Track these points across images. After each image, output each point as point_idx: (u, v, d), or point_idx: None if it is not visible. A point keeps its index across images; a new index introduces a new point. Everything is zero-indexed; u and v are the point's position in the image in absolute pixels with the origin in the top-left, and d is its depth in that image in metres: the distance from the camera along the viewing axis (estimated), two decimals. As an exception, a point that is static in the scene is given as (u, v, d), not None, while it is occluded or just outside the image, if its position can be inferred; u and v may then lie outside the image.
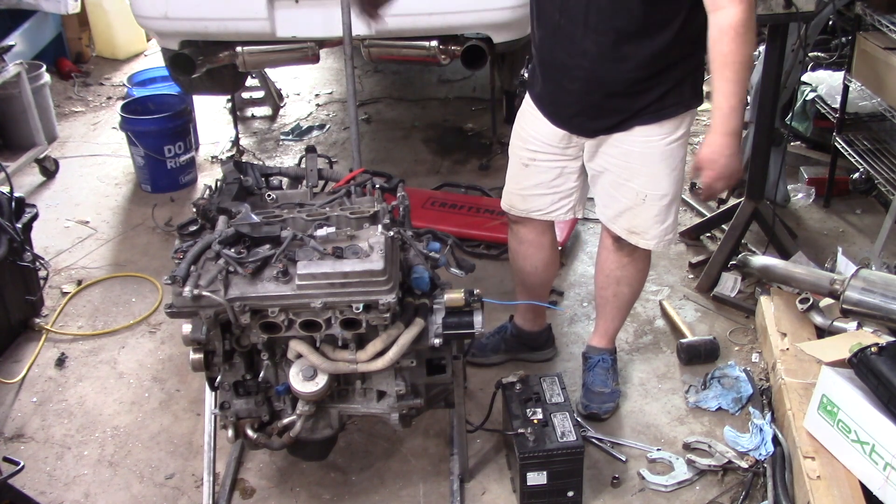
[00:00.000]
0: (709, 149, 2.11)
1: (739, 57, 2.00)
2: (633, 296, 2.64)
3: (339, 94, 5.36)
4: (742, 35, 1.98)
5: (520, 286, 2.77)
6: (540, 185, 2.46)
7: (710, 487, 2.42)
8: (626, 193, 2.35)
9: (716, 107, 2.07)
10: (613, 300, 2.63)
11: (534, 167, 2.45)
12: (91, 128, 5.04)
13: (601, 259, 2.59)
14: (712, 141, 2.10)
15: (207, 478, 2.44)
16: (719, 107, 2.06)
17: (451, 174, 4.26)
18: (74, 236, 3.81)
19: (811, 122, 4.09)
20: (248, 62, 3.54)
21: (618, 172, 2.34)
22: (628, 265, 2.53)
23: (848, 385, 2.18)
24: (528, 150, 2.44)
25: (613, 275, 2.57)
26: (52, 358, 3.01)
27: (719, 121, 2.07)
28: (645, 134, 2.26)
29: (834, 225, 3.75)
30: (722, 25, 1.99)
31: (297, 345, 2.02)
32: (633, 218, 2.38)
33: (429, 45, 3.34)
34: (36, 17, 5.31)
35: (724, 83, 2.03)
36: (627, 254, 2.50)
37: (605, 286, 2.61)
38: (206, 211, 2.15)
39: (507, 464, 2.48)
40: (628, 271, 2.55)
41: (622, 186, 2.35)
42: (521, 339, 2.87)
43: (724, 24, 1.98)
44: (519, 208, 2.54)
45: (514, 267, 2.73)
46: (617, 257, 2.53)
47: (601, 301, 2.67)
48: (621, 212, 2.39)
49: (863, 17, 3.41)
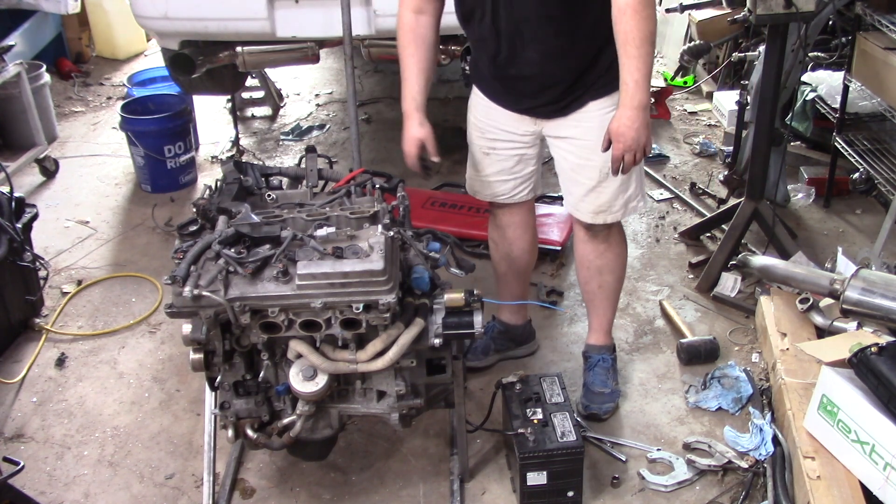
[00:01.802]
0: (617, 122, 2.16)
1: (640, 33, 2.07)
2: (617, 283, 2.68)
3: (339, 94, 5.36)
4: (639, 12, 2.06)
5: (508, 276, 2.79)
6: (501, 172, 2.54)
7: (710, 487, 2.42)
8: (590, 173, 2.40)
9: (622, 82, 2.13)
10: (600, 292, 2.66)
11: (494, 155, 2.52)
12: (91, 128, 5.04)
13: (579, 253, 2.63)
14: (621, 115, 2.14)
15: (207, 478, 2.44)
16: (625, 82, 2.12)
17: (451, 174, 4.25)
18: (74, 236, 3.81)
19: (811, 122, 4.09)
20: (248, 62, 3.54)
21: (578, 153, 2.40)
22: (606, 252, 2.58)
23: (848, 385, 2.18)
24: (486, 140, 2.50)
25: (594, 265, 2.60)
26: (52, 358, 3.01)
27: (626, 95, 2.12)
28: (599, 107, 2.33)
29: (834, 225, 3.76)
30: (621, 4, 2.07)
31: (297, 345, 2.02)
32: (598, 196, 2.43)
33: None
34: (36, 17, 5.32)
35: (627, 59, 2.10)
36: (603, 240, 2.56)
37: (589, 279, 2.65)
38: (206, 211, 2.14)
39: (507, 464, 2.48)
40: (607, 258, 2.59)
41: (584, 168, 2.41)
42: (508, 334, 2.89)
43: (623, 2, 2.07)
44: (483, 193, 2.62)
45: (501, 256, 2.75)
46: (593, 246, 2.57)
47: (589, 297, 2.70)
48: (587, 193, 2.44)
49: (863, 17, 3.41)
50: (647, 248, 3.61)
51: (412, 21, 2.35)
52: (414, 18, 2.35)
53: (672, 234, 3.72)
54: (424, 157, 2.38)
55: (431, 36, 2.37)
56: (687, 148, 4.56)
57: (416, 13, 2.34)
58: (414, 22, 2.35)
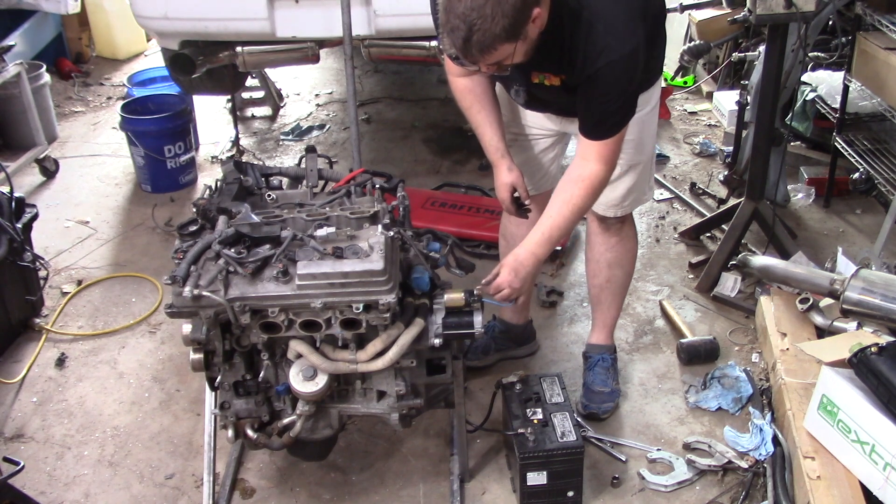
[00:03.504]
0: (513, 257, 2.20)
1: (581, 203, 2.16)
2: (625, 279, 2.69)
3: (339, 94, 5.36)
4: (593, 188, 2.15)
5: None
6: (526, 163, 2.54)
7: (710, 487, 2.42)
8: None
9: (537, 228, 2.20)
10: (608, 286, 2.67)
11: (517, 146, 2.53)
12: (91, 128, 5.04)
13: (590, 245, 2.66)
14: (519, 252, 2.20)
15: (207, 478, 2.44)
16: (541, 230, 2.19)
17: (451, 174, 4.26)
18: (74, 236, 3.81)
19: (811, 122, 4.09)
20: (248, 62, 3.54)
21: None
22: (616, 245, 2.60)
23: (848, 385, 2.18)
24: (510, 133, 2.51)
25: (604, 258, 2.62)
26: (52, 358, 3.01)
27: (534, 241, 2.19)
28: None
29: (834, 225, 3.75)
30: (582, 173, 2.14)
31: (297, 345, 2.02)
32: (614, 190, 2.46)
33: (429, 45, 3.35)
34: (36, 17, 5.32)
35: (556, 216, 2.18)
36: (615, 233, 2.59)
37: (597, 273, 2.66)
38: (206, 211, 2.14)
39: (507, 464, 2.48)
40: (618, 252, 2.61)
41: None
42: (509, 334, 2.89)
43: (585, 173, 2.13)
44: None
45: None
46: (604, 238, 2.60)
47: (595, 291, 2.71)
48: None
49: (863, 17, 3.41)
50: (647, 248, 3.61)
51: (465, 83, 2.36)
52: (466, 80, 2.35)
53: (672, 234, 3.72)
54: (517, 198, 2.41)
55: (488, 87, 2.37)
56: (687, 148, 4.56)
57: (463, 76, 2.35)
58: (468, 83, 2.35)
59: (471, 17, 1.79)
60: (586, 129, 2.13)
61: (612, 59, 1.98)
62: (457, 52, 1.88)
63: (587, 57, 2.00)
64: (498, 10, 1.79)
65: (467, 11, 1.79)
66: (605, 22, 1.98)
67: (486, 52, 1.86)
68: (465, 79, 2.34)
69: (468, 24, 1.80)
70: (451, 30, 1.84)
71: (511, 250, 2.57)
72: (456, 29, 1.82)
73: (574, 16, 1.97)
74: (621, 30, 1.99)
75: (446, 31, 1.85)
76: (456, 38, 1.84)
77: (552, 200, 2.20)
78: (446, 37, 1.87)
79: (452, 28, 1.83)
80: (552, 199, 2.20)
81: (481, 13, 1.79)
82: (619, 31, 1.99)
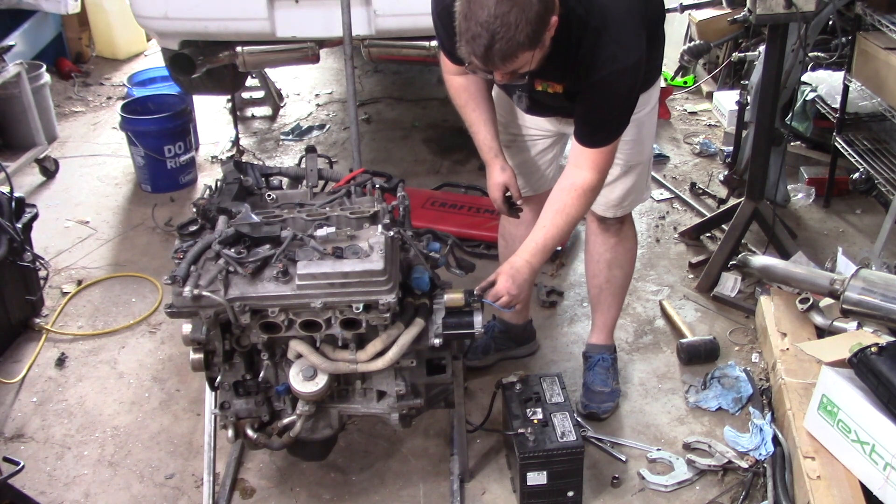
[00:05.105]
0: (509, 265, 2.20)
1: (574, 212, 2.17)
2: (625, 279, 2.69)
3: (339, 94, 5.36)
4: (585, 197, 2.16)
5: None
6: (524, 164, 2.54)
7: (710, 487, 2.42)
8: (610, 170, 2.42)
9: (532, 238, 2.20)
10: (607, 286, 2.67)
11: (515, 147, 2.53)
12: (91, 128, 5.04)
13: (590, 245, 2.66)
14: (514, 261, 2.20)
15: (207, 478, 2.44)
16: (535, 240, 2.19)
17: (451, 174, 4.26)
18: (74, 236, 3.81)
19: (811, 122, 4.09)
20: (248, 62, 3.54)
21: None
22: (616, 245, 2.61)
23: (848, 385, 2.18)
24: (508, 134, 2.51)
25: (604, 258, 2.63)
26: (52, 358, 3.01)
27: (529, 250, 2.19)
28: None
29: (834, 225, 3.75)
30: (575, 182, 2.15)
31: (297, 345, 2.02)
32: (612, 191, 2.47)
33: (429, 45, 3.35)
34: (36, 17, 5.32)
35: (550, 226, 2.18)
36: (615, 233, 2.59)
37: (597, 273, 2.66)
38: (206, 211, 2.14)
39: (507, 464, 2.48)
40: (618, 252, 2.62)
41: None
42: (509, 334, 2.90)
43: (578, 182, 2.14)
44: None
45: (511, 253, 2.73)
46: (604, 238, 2.60)
47: (595, 291, 2.71)
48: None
49: (863, 17, 3.41)
50: (647, 248, 3.61)
51: (461, 81, 2.35)
52: (461, 79, 2.35)
53: (672, 234, 3.72)
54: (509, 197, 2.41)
55: (483, 86, 2.37)
56: (687, 148, 4.56)
57: (459, 74, 2.34)
58: (463, 81, 2.35)
59: (494, 25, 1.77)
60: (582, 135, 2.13)
61: (617, 68, 1.98)
62: (477, 60, 1.85)
63: (592, 65, 1.99)
64: (522, 18, 1.77)
65: (490, 19, 1.77)
66: (612, 31, 1.97)
67: (507, 60, 1.84)
68: (460, 77, 2.34)
69: (491, 32, 1.78)
70: (473, 37, 1.81)
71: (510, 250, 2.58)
72: (478, 37, 1.80)
73: (582, 23, 1.96)
74: (627, 40, 1.99)
75: (466, 38, 1.83)
76: (477, 47, 1.81)
77: (545, 210, 2.20)
78: (465, 44, 1.84)
79: (474, 36, 1.80)
80: (545, 208, 2.20)
81: (505, 21, 1.77)
82: (625, 41, 1.99)
